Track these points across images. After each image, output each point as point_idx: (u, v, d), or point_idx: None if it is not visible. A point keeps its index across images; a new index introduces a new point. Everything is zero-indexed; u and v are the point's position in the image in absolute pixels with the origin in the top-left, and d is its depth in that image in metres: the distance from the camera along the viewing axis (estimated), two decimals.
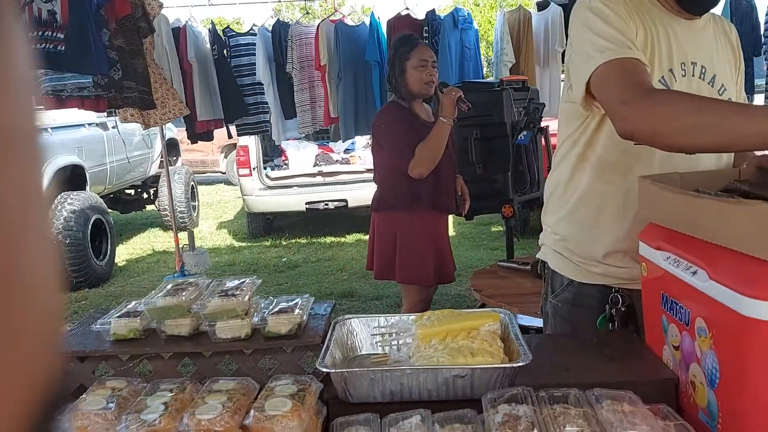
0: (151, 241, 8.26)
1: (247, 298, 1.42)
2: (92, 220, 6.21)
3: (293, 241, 7.84)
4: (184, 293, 1.43)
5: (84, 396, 1.26)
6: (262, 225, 8.16)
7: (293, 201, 7.58)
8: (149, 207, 9.12)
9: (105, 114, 6.07)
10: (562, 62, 5.48)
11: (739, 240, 1.04)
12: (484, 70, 6.27)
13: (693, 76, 1.51)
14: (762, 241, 0.99)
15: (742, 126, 1.16)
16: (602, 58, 1.34)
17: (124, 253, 7.62)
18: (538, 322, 2.67)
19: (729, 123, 1.18)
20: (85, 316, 1.63)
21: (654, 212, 1.32)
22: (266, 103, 5.49)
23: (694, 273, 1.16)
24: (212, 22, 5.51)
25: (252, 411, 1.17)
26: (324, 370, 1.27)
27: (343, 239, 7.77)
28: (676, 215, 1.24)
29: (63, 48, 4.03)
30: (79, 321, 1.58)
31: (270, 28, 5.52)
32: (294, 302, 1.47)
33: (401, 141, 3.01)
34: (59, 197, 6.00)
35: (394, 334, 1.52)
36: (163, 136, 5.64)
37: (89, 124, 6.84)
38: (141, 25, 4.18)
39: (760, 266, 1.00)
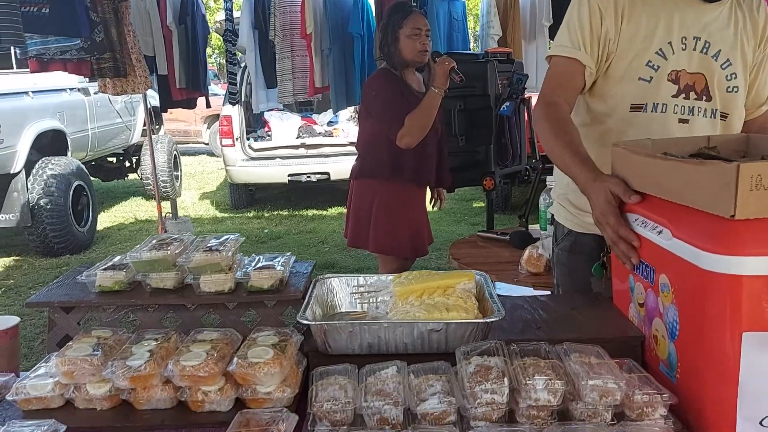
0: (134, 210, 8.23)
1: (230, 253, 1.46)
2: (74, 186, 6.16)
3: (275, 212, 7.86)
4: (169, 247, 1.46)
5: (70, 343, 1.29)
6: (244, 196, 8.16)
7: (276, 173, 7.58)
8: (131, 176, 9.05)
9: (86, 79, 6.00)
10: (549, 37, 5.47)
11: (700, 199, 1.11)
12: (470, 44, 6.26)
13: (694, 50, 1.65)
14: (720, 199, 1.05)
15: (566, 160, 1.56)
16: (554, 51, 1.71)
17: (106, 220, 7.59)
18: (514, 290, 2.73)
19: (560, 155, 1.59)
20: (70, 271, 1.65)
21: (625, 176, 1.38)
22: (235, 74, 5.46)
23: (660, 232, 1.23)
24: None
25: (235, 358, 1.21)
26: (305, 322, 1.32)
27: (324, 212, 7.79)
28: (644, 178, 1.31)
29: (47, 11, 3.97)
30: (64, 274, 1.61)
31: None
32: (276, 259, 1.51)
33: (392, 109, 2.97)
34: (40, 162, 5.95)
35: (372, 293, 1.57)
36: (146, 104, 5.60)
37: (71, 89, 6.76)
38: None
39: (718, 223, 1.07)
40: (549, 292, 2.44)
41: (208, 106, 6.18)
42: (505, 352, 1.23)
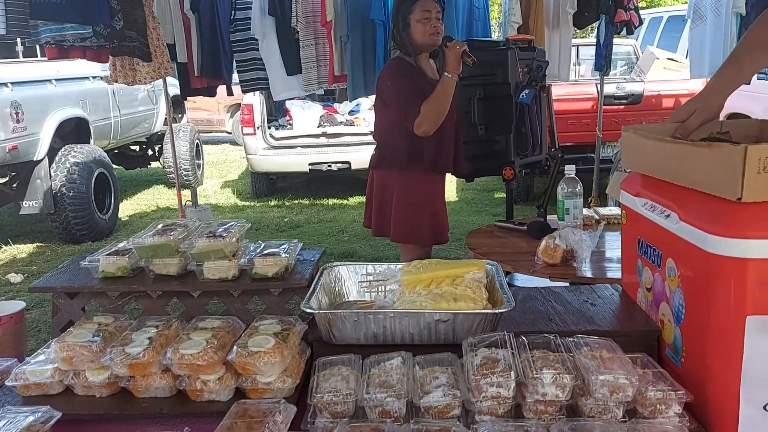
0: (155, 198, 8.29)
1: (235, 239, 1.43)
2: (96, 173, 6.21)
3: (296, 201, 7.86)
4: (172, 233, 1.44)
5: (71, 329, 1.28)
6: (265, 185, 8.17)
7: (297, 161, 7.57)
8: (154, 164, 9.11)
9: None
10: (573, 25, 5.35)
11: (708, 181, 1.09)
12: (491, 33, 6.16)
13: None
14: (727, 182, 1.03)
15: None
16: None
17: (128, 208, 7.65)
18: (532, 281, 2.68)
19: None
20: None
21: (635, 161, 1.37)
22: (260, 59, 5.39)
23: (667, 216, 1.21)
24: None
25: (235, 347, 1.19)
26: (309, 311, 1.29)
27: (345, 201, 7.77)
28: (653, 162, 1.29)
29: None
30: (69, 260, 1.60)
31: None
32: (282, 246, 1.48)
33: (407, 97, 2.94)
34: (63, 150, 5.99)
35: (380, 281, 1.53)
36: (167, 92, 5.61)
37: (93, 77, 6.80)
38: None
39: (724, 206, 1.05)
40: (566, 284, 2.37)
41: (230, 93, 6.18)
42: (514, 344, 1.19)
